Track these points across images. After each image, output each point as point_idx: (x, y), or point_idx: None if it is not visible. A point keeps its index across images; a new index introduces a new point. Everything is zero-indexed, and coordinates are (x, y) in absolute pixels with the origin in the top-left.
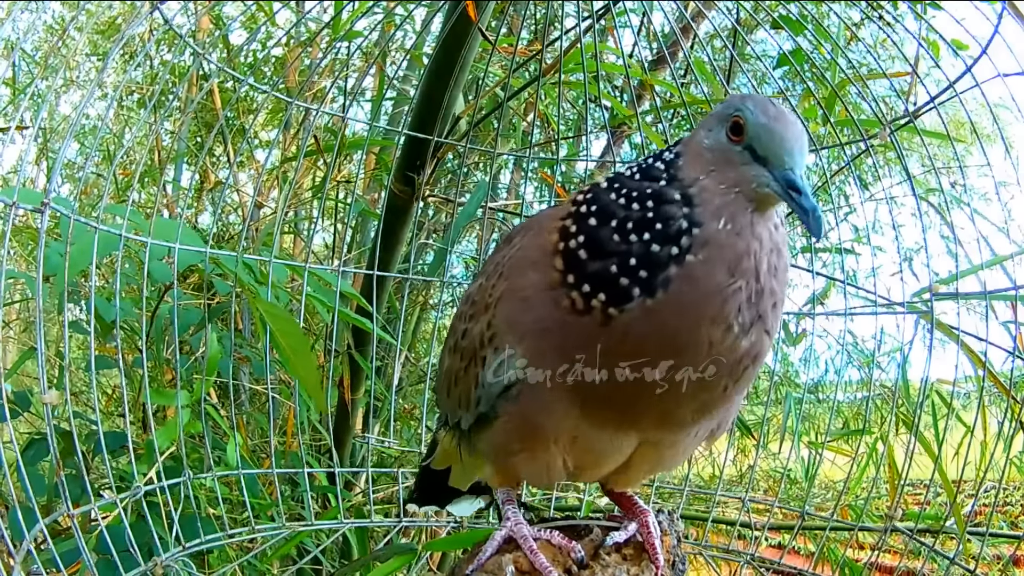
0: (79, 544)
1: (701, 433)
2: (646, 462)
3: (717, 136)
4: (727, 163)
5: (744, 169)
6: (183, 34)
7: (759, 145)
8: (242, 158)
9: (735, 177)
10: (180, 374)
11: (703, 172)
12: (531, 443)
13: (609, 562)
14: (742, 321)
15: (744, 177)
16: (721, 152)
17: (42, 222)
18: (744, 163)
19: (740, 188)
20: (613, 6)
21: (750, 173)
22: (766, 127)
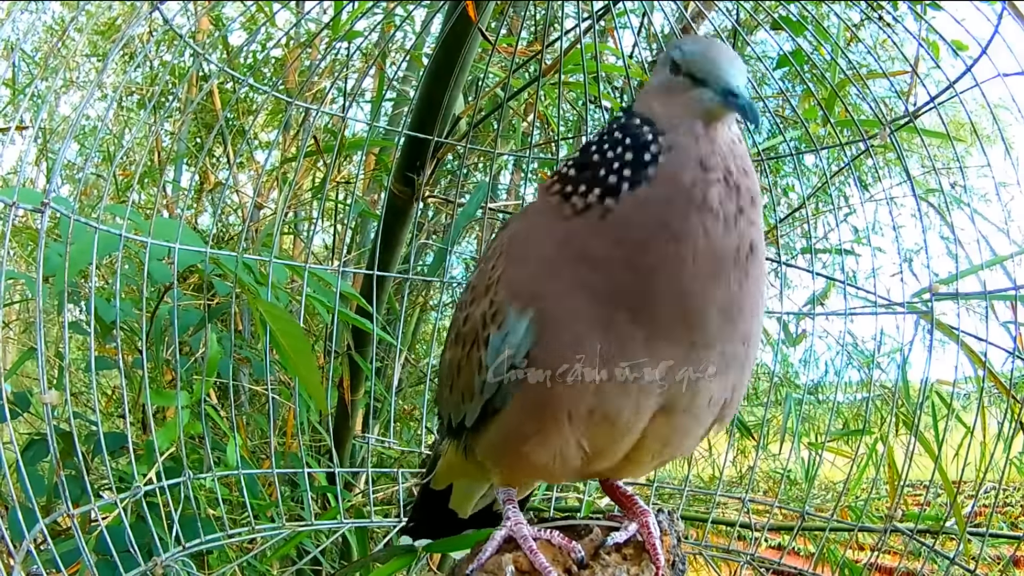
0: (79, 544)
1: (715, 399)
2: (658, 439)
3: (661, 76)
4: (673, 92)
5: (689, 93)
6: (183, 35)
7: (696, 71)
8: (242, 159)
9: (682, 100)
10: (180, 375)
11: (656, 103)
12: (545, 422)
13: (609, 562)
14: (726, 210)
15: (689, 97)
16: (667, 87)
17: (42, 222)
18: (687, 88)
19: (688, 107)
20: (613, 7)
21: (693, 93)
22: (699, 53)
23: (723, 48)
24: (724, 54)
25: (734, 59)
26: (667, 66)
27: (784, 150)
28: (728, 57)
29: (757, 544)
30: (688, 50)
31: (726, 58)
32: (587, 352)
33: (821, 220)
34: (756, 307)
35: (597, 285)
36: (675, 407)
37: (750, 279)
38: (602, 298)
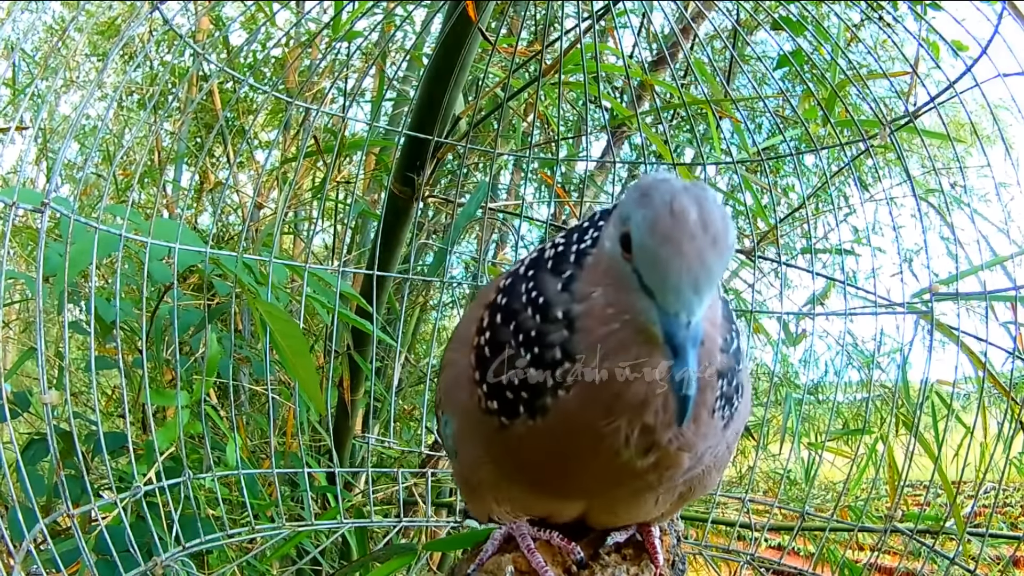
0: (79, 544)
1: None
2: (605, 513)
3: (614, 245)
4: (620, 282)
5: (635, 295)
6: (183, 34)
7: (643, 272)
8: (242, 159)
9: (625, 302)
10: (180, 375)
11: (597, 284)
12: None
13: (609, 562)
14: (632, 451)
15: (634, 305)
16: (616, 266)
17: (42, 222)
18: (635, 288)
19: (630, 316)
20: (613, 7)
21: (639, 303)
22: (648, 253)
23: (687, 240)
24: (681, 259)
25: (698, 263)
26: (618, 234)
27: (784, 150)
28: (687, 263)
29: (757, 544)
30: (638, 237)
31: (683, 265)
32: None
33: (821, 220)
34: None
35: (497, 460)
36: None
37: (676, 490)
38: (506, 467)
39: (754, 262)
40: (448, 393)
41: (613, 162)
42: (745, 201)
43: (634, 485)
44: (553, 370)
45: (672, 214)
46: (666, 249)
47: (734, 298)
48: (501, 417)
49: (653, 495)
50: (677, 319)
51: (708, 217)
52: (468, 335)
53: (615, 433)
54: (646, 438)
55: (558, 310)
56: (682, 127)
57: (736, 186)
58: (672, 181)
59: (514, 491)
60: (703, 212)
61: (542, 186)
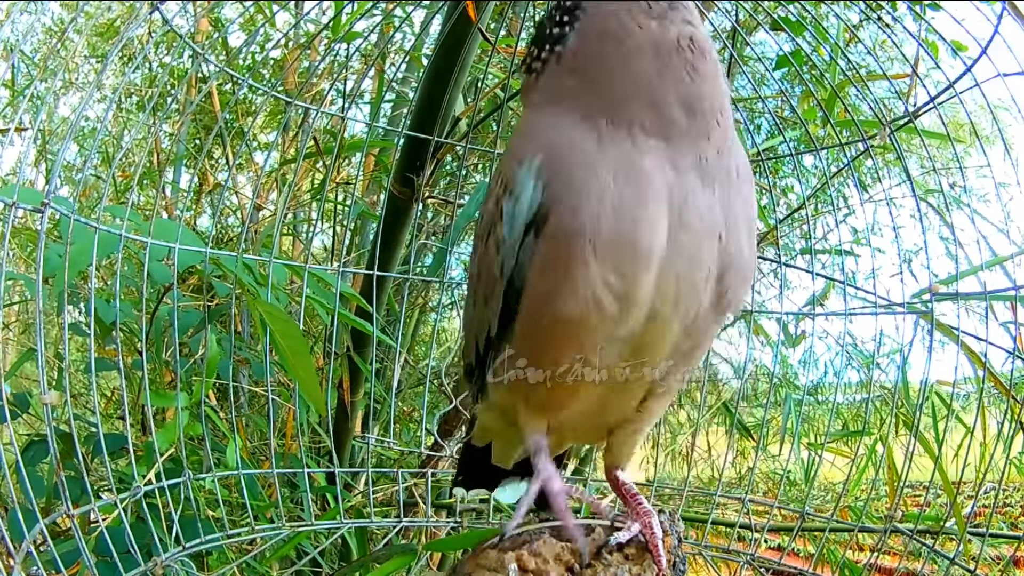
0: (79, 545)
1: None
2: (665, 343)
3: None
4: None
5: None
6: (182, 35)
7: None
8: (241, 160)
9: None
10: (180, 376)
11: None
12: (572, 260)
13: (611, 561)
14: (658, 10)
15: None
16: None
17: (42, 223)
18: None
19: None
20: None
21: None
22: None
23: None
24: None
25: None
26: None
27: (784, 150)
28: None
29: (757, 545)
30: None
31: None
32: (594, 163)
33: (821, 221)
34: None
35: (576, 108)
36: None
37: (699, 75)
38: (584, 112)
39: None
40: (515, 144)
41: None
42: None
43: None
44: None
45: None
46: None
47: None
48: (555, 47)
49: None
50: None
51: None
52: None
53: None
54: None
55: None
56: None
57: None
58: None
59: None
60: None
61: None
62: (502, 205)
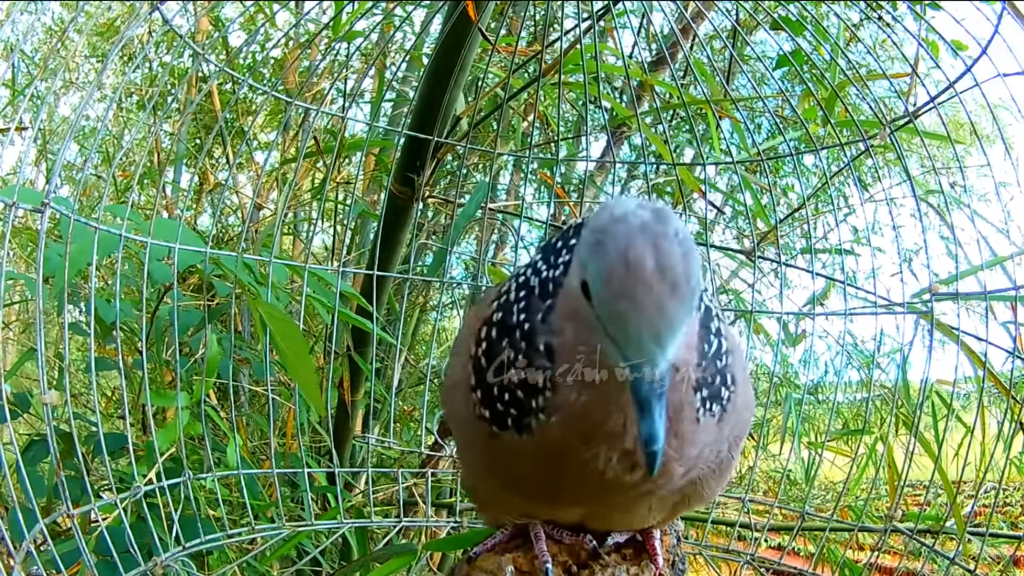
0: (79, 545)
1: (660, 507)
2: (600, 521)
3: (577, 288)
4: (587, 322)
5: (602, 338)
6: (183, 35)
7: (605, 324)
8: (241, 159)
9: (593, 342)
10: (180, 375)
11: (568, 320)
12: (480, 504)
13: (609, 562)
14: (617, 469)
15: (601, 348)
16: (582, 307)
17: (42, 222)
18: (599, 330)
19: (598, 356)
20: (613, 7)
21: (606, 347)
22: (606, 307)
23: (645, 292)
24: (641, 312)
25: (659, 313)
26: (578, 280)
27: (784, 150)
28: (648, 315)
29: (757, 544)
30: (595, 289)
31: (643, 318)
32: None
33: (821, 220)
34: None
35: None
36: (608, 514)
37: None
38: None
39: (754, 262)
40: (447, 400)
41: (613, 162)
42: (745, 201)
43: (626, 495)
44: (536, 396)
45: (627, 266)
46: (623, 304)
47: (733, 299)
48: (492, 426)
49: (647, 503)
50: (641, 373)
51: (666, 262)
52: (466, 346)
53: (596, 458)
54: (629, 460)
55: (540, 340)
56: (682, 127)
57: (736, 186)
58: (628, 221)
59: (515, 500)
60: (660, 257)
61: (542, 186)
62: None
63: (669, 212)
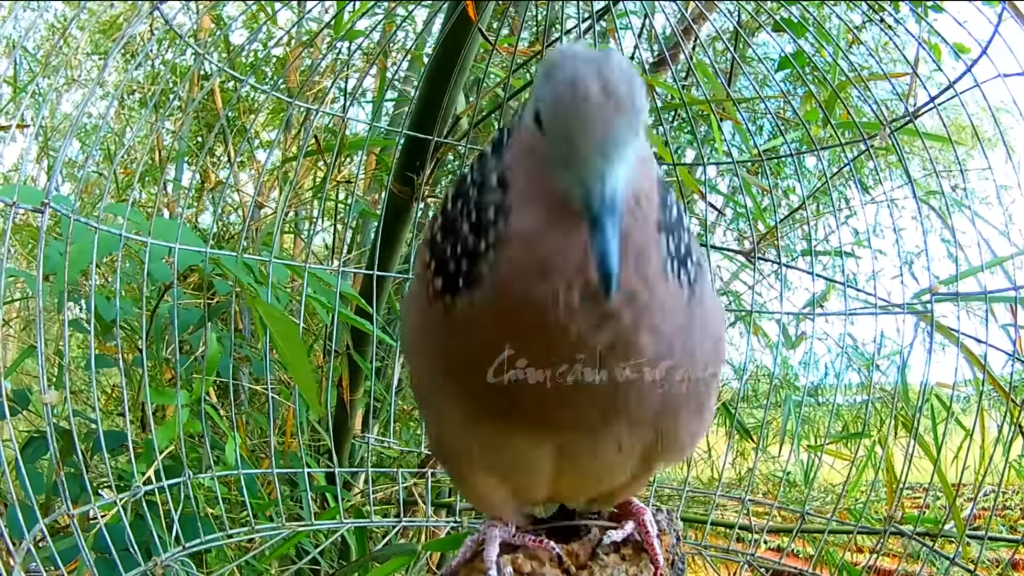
0: (79, 543)
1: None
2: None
3: (530, 121)
4: (539, 154)
5: (552, 167)
6: (184, 34)
7: (554, 148)
8: (243, 158)
9: (541, 171)
10: (180, 374)
11: (521, 151)
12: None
13: (608, 562)
14: (580, 323)
15: (552, 176)
16: (534, 141)
17: (42, 221)
18: (548, 155)
19: (549, 185)
20: (614, 7)
21: (556, 174)
22: (555, 130)
23: (593, 104)
24: (591, 123)
25: (613, 121)
26: (531, 112)
27: (785, 151)
28: (600, 120)
29: (756, 545)
30: (544, 107)
31: (592, 136)
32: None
33: (822, 222)
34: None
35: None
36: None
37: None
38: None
39: (754, 264)
40: (405, 320)
41: None
42: (745, 203)
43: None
44: (487, 232)
45: (574, 87)
46: (571, 123)
47: (733, 300)
48: (446, 298)
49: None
50: (590, 188)
51: (610, 86)
52: (427, 230)
53: (556, 299)
54: (593, 306)
55: (493, 176)
56: (683, 128)
57: (737, 188)
58: (576, 56)
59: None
60: (605, 82)
61: None
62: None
63: (614, 51)
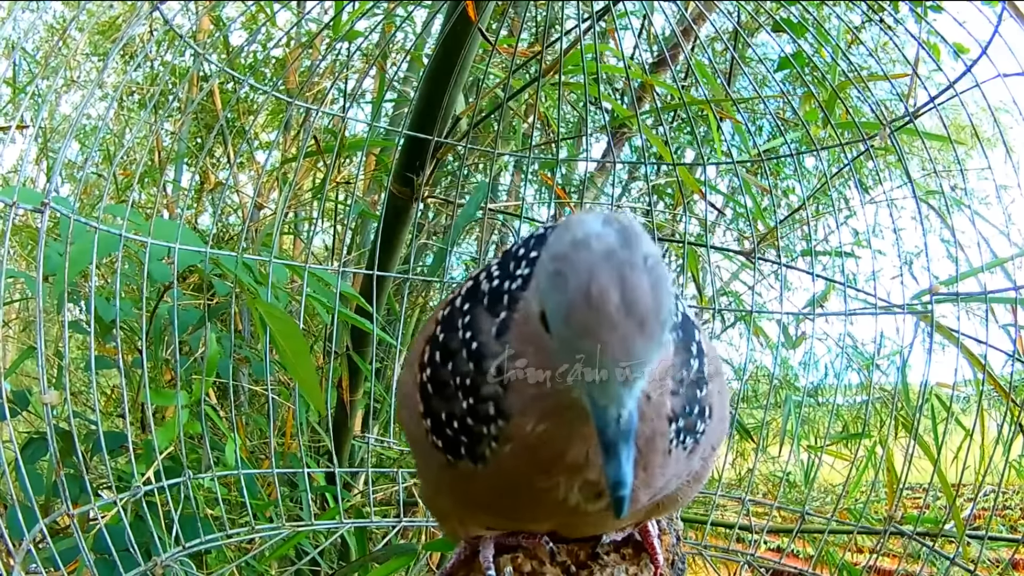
0: (79, 543)
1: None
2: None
3: (532, 303)
4: (542, 345)
5: (556, 362)
6: (183, 35)
7: (565, 358)
8: (242, 159)
9: (550, 369)
10: (179, 374)
11: (527, 343)
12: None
13: (608, 562)
14: (579, 498)
15: (563, 376)
16: (537, 327)
17: (42, 222)
18: (557, 356)
19: (556, 384)
20: (613, 7)
21: (563, 371)
22: (567, 345)
23: (605, 328)
24: (606, 349)
25: (622, 359)
26: (536, 308)
27: (784, 151)
28: (613, 358)
29: (756, 546)
30: (551, 319)
31: (611, 361)
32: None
33: (821, 222)
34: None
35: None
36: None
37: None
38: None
39: (754, 264)
40: (401, 414)
41: (613, 163)
42: (745, 203)
43: (591, 516)
44: (488, 424)
45: (589, 302)
46: (585, 344)
47: (733, 301)
48: (447, 455)
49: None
50: (606, 412)
51: (632, 296)
52: (416, 360)
53: (556, 488)
54: (592, 489)
55: (491, 363)
56: (683, 128)
57: (737, 188)
58: (591, 247)
59: (476, 517)
60: (627, 290)
61: (542, 187)
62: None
63: (637, 232)
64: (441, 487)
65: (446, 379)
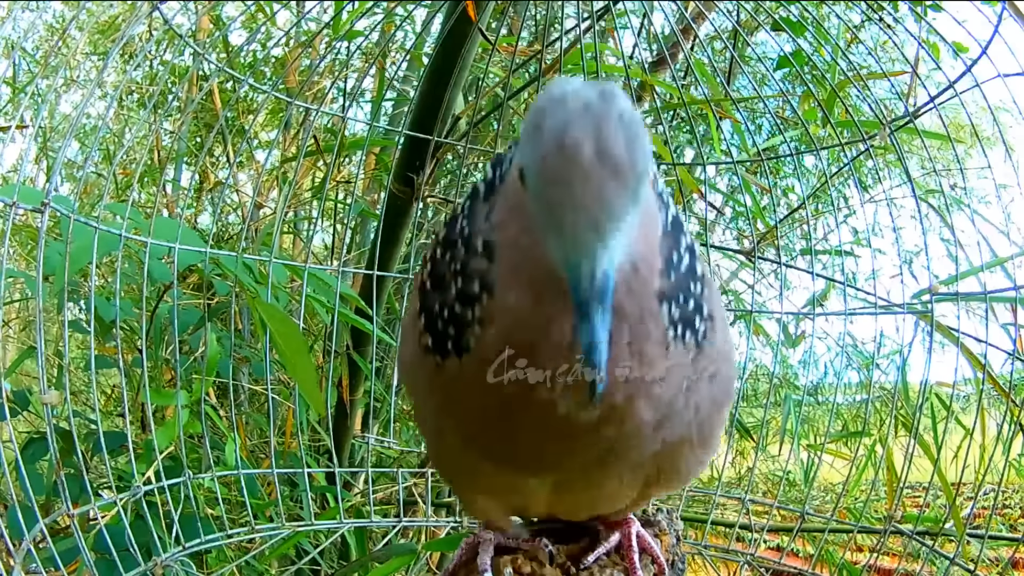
0: (79, 543)
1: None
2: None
3: (515, 169)
4: (524, 211)
5: (539, 228)
6: (183, 34)
7: (540, 215)
8: (242, 158)
9: (531, 234)
10: (179, 374)
11: (508, 211)
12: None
13: (607, 563)
14: (569, 402)
15: (541, 241)
16: (517, 194)
17: (42, 221)
18: (536, 221)
19: (538, 250)
20: (613, 7)
21: (543, 236)
22: (541, 197)
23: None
24: (577, 198)
25: (595, 207)
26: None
27: (784, 151)
28: (585, 206)
29: (756, 545)
30: (529, 174)
31: (583, 210)
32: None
33: (821, 221)
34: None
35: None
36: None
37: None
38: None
39: (754, 263)
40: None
41: None
42: (745, 202)
43: (588, 448)
44: (473, 304)
45: (562, 150)
46: (557, 192)
47: (733, 300)
48: (436, 356)
49: (616, 468)
50: (579, 269)
51: (606, 145)
52: (417, 277)
53: (541, 388)
54: (580, 390)
55: (479, 239)
56: (682, 127)
57: (736, 187)
58: (567, 101)
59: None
60: (601, 141)
61: None
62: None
63: (616, 91)
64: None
65: (443, 271)
